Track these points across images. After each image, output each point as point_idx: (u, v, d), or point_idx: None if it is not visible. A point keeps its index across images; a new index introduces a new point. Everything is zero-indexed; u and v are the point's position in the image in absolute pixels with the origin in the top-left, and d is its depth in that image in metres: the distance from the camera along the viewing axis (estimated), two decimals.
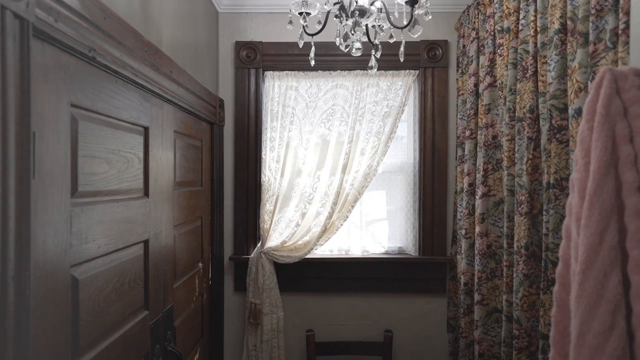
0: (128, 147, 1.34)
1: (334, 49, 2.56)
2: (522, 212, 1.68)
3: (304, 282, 2.61)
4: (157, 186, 1.59)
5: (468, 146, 2.28)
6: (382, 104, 2.57)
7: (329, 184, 2.55)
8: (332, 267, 2.60)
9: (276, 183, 2.53)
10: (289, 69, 2.58)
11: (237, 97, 2.60)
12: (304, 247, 2.53)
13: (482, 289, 2.07)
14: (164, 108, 1.65)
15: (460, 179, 2.43)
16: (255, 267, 2.50)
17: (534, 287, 1.66)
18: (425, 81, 2.59)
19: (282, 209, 2.57)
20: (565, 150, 1.47)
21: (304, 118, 2.57)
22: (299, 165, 2.57)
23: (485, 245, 2.07)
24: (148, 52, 1.41)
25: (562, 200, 1.47)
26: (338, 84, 2.58)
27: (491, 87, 2.06)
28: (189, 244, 2.05)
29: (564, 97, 1.47)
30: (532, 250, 1.66)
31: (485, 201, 2.07)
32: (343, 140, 2.54)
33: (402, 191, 2.70)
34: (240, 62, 2.58)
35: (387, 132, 2.54)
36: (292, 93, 2.57)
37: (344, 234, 2.67)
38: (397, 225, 2.70)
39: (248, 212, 2.60)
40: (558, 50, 1.47)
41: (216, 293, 2.47)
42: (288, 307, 2.60)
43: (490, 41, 2.05)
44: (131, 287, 1.36)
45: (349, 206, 2.53)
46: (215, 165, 2.46)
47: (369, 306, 2.62)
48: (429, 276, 2.60)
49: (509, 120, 1.81)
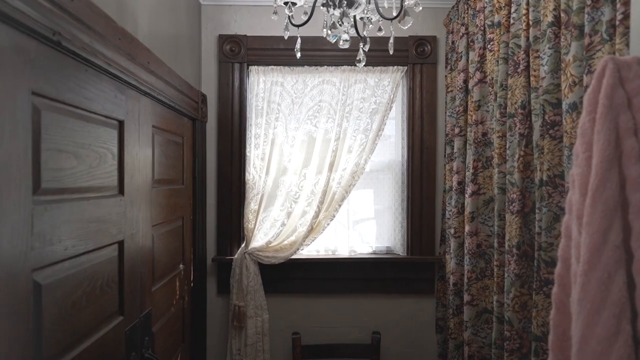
0: (100, 141, 1.25)
1: (320, 44, 2.49)
2: (514, 211, 1.63)
3: (289, 284, 2.53)
4: (134, 184, 1.50)
5: (457, 144, 2.23)
6: (369, 101, 2.51)
7: (316, 183, 2.48)
8: (318, 267, 2.53)
9: (261, 181, 2.46)
10: (275, 64, 2.50)
11: (221, 92, 2.51)
12: (289, 248, 2.46)
13: (471, 289, 2.03)
14: (140, 101, 1.57)
15: (449, 177, 2.39)
16: (239, 268, 2.42)
17: (526, 288, 1.62)
18: (413, 77, 2.54)
19: (267, 208, 2.49)
20: (558, 146, 1.43)
21: (290, 114, 2.50)
22: (285, 163, 2.50)
23: (475, 244, 2.03)
24: (122, 40, 1.32)
25: (556, 198, 1.43)
26: (325, 79, 2.52)
27: (481, 83, 2.01)
28: (169, 245, 1.96)
29: (557, 92, 1.43)
30: (524, 250, 1.62)
31: (475, 199, 2.03)
32: (330, 138, 2.47)
33: (389, 190, 2.65)
34: (223, 56, 2.50)
35: (375, 130, 2.49)
36: (277, 89, 2.49)
37: (331, 234, 2.60)
38: (385, 224, 2.65)
39: (232, 211, 2.51)
40: (551, 43, 1.43)
41: (198, 296, 2.38)
42: (273, 309, 2.53)
43: (480, 36, 2.01)
44: (104, 292, 1.27)
45: (336, 205, 2.47)
46: (197, 162, 2.37)
47: (357, 307, 2.56)
48: (418, 276, 2.55)
49: (499, 117, 1.77)
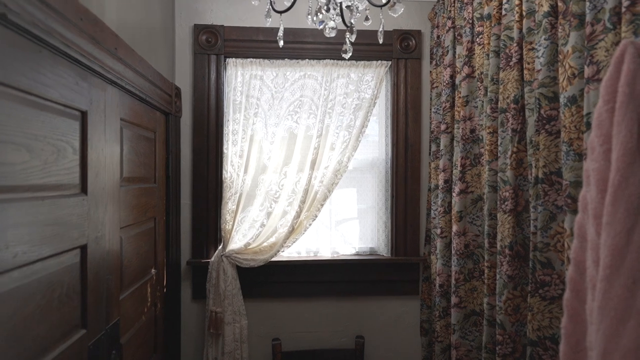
0: (58, 133, 1.11)
1: (302, 36, 2.38)
2: (506, 210, 1.57)
3: (269, 287, 2.42)
4: (99, 182, 1.36)
5: (444, 141, 2.16)
6: (353, 96, 2.42)
7: (297, 181, 2.37)
8: (300, 270, 2.42)
9: (239, 180, 2.33)
10: (254, 57, 2.38)
11: (196, 85, 2.37)
12: (269, 250, 2.34)
13: (459, 291, 1.96)
14: (107, 91, 1.42)
15: (435, 176, 2.33)
16: (216, 272, 2.28)
17: (519, 290, 1.56)
18: (398, 73, 2.46)
19: (245, 208, 2.37)
20: (555, 142, 1.36)
21: (270, 110, 2.38)
22: (264, 160, 2.38)
23: (462, 244, 1.96)
24: (85, 22, 1.18)
25: (552, 196, 1.37)
26: (306, 73, 2.41)
27: (469, 77, 1.95)
28: (139, 248, 1.81)
29: (553, 85, 1.36)
30: (517, 250, 1.56)
31: (463, 198, 1.96)
32: (312, 134, 2.37)
33: (373, 189, 2.56)
34: (199, 47, 2.35)
35: (359, 126, 2.40)
36: (256, 82, 2.37)
37: (313, 235, 2.50)
38: (369, 224, 2.56)
39: (208, 211, 2.38)
40: (547, 34, 1.37)
41: (172, 302, 2.23)
42: (252, 314, 2.40)
43: (468, 29, 1.94)
44: (63, 303, 1.13)
45: (318, 205, 2.36)
46: (171, 160, 2.22)
47: (340, 311, 2.46)
48: (402, 278, 2.47)
49: (490, 112, 1.70)
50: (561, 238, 1.35)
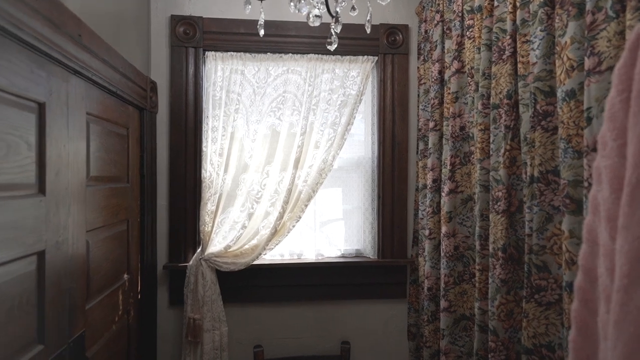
0: (8, 126, 0.99)
1: (285, 29, 2.28)
2: (499, 210, 1.49)
3: (251, 292, 2.31)
4: (60, 181, 1.24)
5: (432, 139, 2.09)
6: (338, 92, 2.32)
7: (280, 181, 2.27)
8: (282, 273, 2.32)
9: (219, 179, 2.21)
10: (234, 50, 2.26)
11: (173, 79, 2.24)
12: (251, 252, 2.23)
13: (449, 295, 1.89)
14: (70, 81, 1.29)
15: (423, 175, 2.25)
16: (195, 276, 2.16)
17: (512, 294, 1.49)
18: (384, 68, 2.38)
19: (225, 209, 2.25)
20: (551, 139, 1.29)
21: (251, 106, 2.27)
22: (246, 159, 2.27)
23: (452, 246, 1.89)
24: (40, 1, 1.05)
25: (548, 196, 1.30)
26: (290, 68, 2.31)
27: (459, 73, 1.88)
28: (110, 253, 1.68)
29: (550, 79, 1.29)
30: (510, 253, 1.49)
31: (452, 198, 1.89)
32: (295, 132, 2.27)
33: (359, 189, 2.48)
34: (176, 39, 2.23)
35: (344, 124, 2.31)
36: (237, 77, 2.26)
37: (297, 237, 2.40)
38: (354, 225, 2.47)
39: (186, 212, 2.25)
40: (543, 25, 1.29)
41: (147, 309, 2.10)
42: (233, 320, 2.29)
43: (458, 23, 1.87)
44: (13, 318, 1.01)
45: (302, 205, 2.26)
46: (146, 158, 2.09)
47: (324, 316, 2.37)
48: (389, 280, 2.39)
49: (481, 108, 1.63)
50: (558, 240, 1.28)
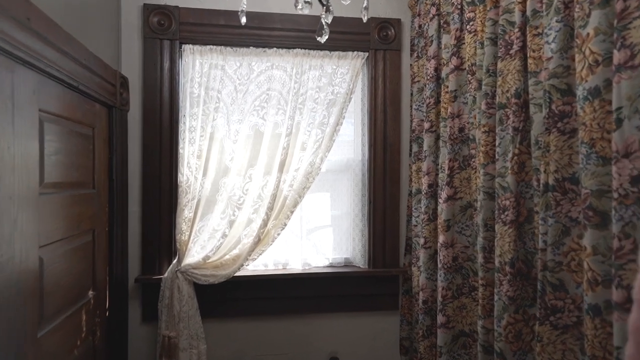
0: None
1: (269, 22, 2.11)
2: (506, 221, 1.36)
3: (232, 305, 2.13)
4: (3, 189, 1.04)
5: (427, 141, 1.95)
6: (326, 91, 2.17)
7: (264, 185, 2.09)
8: (267, 285, 2.15)
9: (197, 184, 2.03)
10: (214, 43, 2.08)
11: (147, 74, 2.05)
12: (232, 263, 2.05)
13: (446, 310, 1.75)
14: (15, 72, 1.10)
15: (417, 179, 2.11)
16: (170, 290, 1.98)
17: (521, 313, 1.35)
18: (375, 65, 2.23)
19: (204, 216, 2.07)
20: (568, 143, 1.16)
21: (233, 104, 2.09)
22: (226, 161, 2.09)
23: (450, 257, 1.75)
24: None
25: (565, 206, 1.16)
26: (274, 64, 2.14)
27: (458, 70, 1.74)
28: (71, 268, 1.49)
29: (567, 76, 1.16)
30: (519, 268, 1.35)
31: (450, 205, 1.75)
32: (280, 133, 2.10)
33: (348, 193, 2.32)
34: (150, 30, 2.04)
35: (333, 124, 2.15)
36: (217, 73, 2.08)
37: (282, 245, 2.23)
38: (343, 232, 2.32)
39: (161, 220, 2.06)
40: (560, 15, 1.16)
41: (116, 327, 1.91)
42: (212, 337, 2.11)
43: (457, 16, 1.73)
44: None
45: (288, 211, 2.10)
46: (115, 161, 1.90)
47: (312, 329, 2.20)
48: (380, 291, 2.24)
49: (486, 108, 1.49)
50: (576, 256, 1.15)
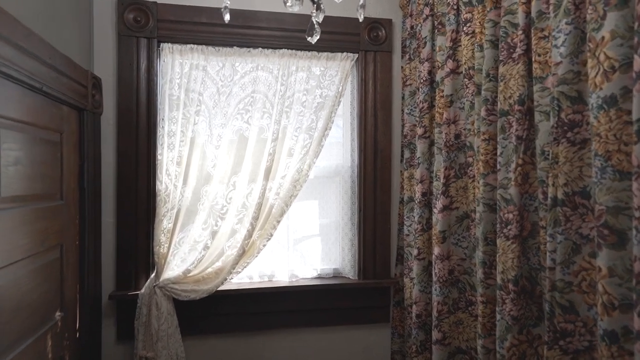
0: None
1: (255, 20, 2.00)
2: (509, 235, 1.27)
3: (214, 322, 2.00)
4: None
5: (421, 147, 1.86)
6: (314, 93, 2.06)
7: (248, 194, 1.97)
8: (252, 299, 2.03)
9: (177, 192, 1.90)
10: (195, 42, 1.95)
11: (121, 75, 1.90)
12: (214, 277, 1.93)
13: (442, 325, 1.66)
14: None
15: (409, 187, 2.02)
16: (147, 307, 1.84)
17: (525, 333, 1.27)
18: (365, 67, 2.13)
19: (185, 227, 1.94)
20: (579, 154, 1.08)
21: (215, 107, 1.97)
22: (208, 168, 1.96)
23: (446, 270, 1.66)
24: None
25: (575, 222, 1.08)
26: (259, 65, 2.02)
27: (454, 74, 1.66)
28: (34, 291, 1.34)
29: (577, 82, 1.08)
30: (522, 285, 1.27)
31: (446, 216, 1.67)
32: (266, 138, 1.98)
33: (337, 201, 2.22)
34: (125, 27, 1.89)
35: (321, 128, 2.04)
36: (198, 74, 1.95)
37: (267, 256, 2.11)
38: (332, 242, 2.22)
39: (137, 231, 1.92)
40: (570, 17, 1.08)
41: (88, 349, 1.76)
42: (194, 356, 1.98)
43: (452, 17, 1.65)
44: None
45: (274, 221, 1.98)
46: (87, 168, 1.75)
47: (299, 345, 2.09)
48: (371, 303, 2.15)
49: (486, 115, 1.40)
50: (587, 276, 1.07)
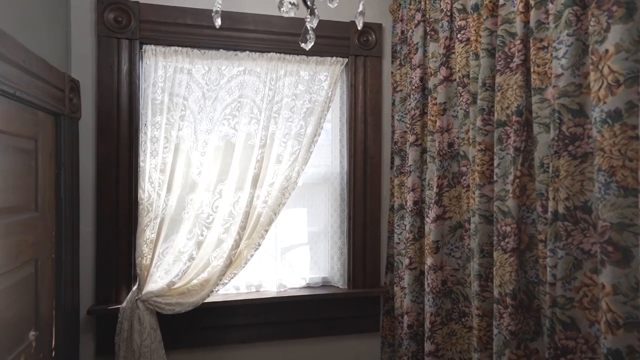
0: None
1: (242, 22, 1.94)
2: (507, 249, 1.25)
3: (200, 335, 1.93)
4: None
5: (412, 155, 1.83)
6: (303, 98, 2.01)
7: (235, 202, 1.91)
8: (239, 311, 1.96)
9: (160, 201, 1.82)
10: (179, 45, 1.88)
11: (101, 78, 1.81)
12: (200, 289, 1.86)
13: (435, 337, 1.63)
14: None
15: (400, 194, 1.99)
16: (129, 321, 1.75)
17: (522, 348, 1.25)
18: (355, 72, 2.09)
19: (169, 237, 1.86)
20: (580, 168, 1.06)
21: (201, 112, 1.90)
22: (194, 176, 1.89)
23: (439, 281, 1.64)
24: None
25: (577, 238, 1.06)
26: (247, 69, 1.96)
27: (447, 81, 1.63)
28: (6, 310, 1.25)
29: (579, 95, 1.06)
30: (520, 299, 1.25)
31: (439, 226, 1.64)
32: (254, 144, 1.92)
33: (326, 208, 2.17)
34: (105, 28, 1.80)
35: (310, 134, 1.99)
36: (183, 77, 1.87)
37: (255, 265, 2.04)
38: (321, 250, 2.17)
39: (118, 242, 1.83)
40: (572, 29, 1.06)
41: None
42: None
43: (446, 23, 1.62)
44: None
45: (262, 230, 1.92)
46: (64, 177, 1.65)
47: (288, 357, 2.04)
48: (361, 313, 2.11)
49: (482, 125, 1.38)
50: (589, 292, 1.05)
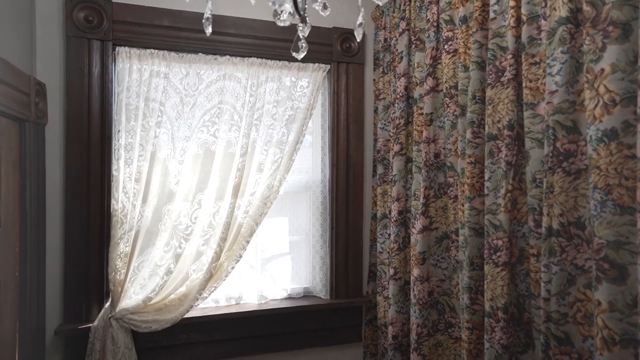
0: None
1: (222, 25, 1.87)
2: (499, 262, 1.25)
3: (178, 352, 1.84)
4: None
5: (397, 164, 1.82)
6: (285, 105, 1.96)
7: (215, 212, 1.84)
8: (218, 325, 1.88)
9: (135, 212, 1.72)
10: (156, 47, 1.78)
11: (70, 81, 1.69)
12: (179, 304, 1.77)
13: (422, 349, 1.63)
14: None
15: (382, 203, 1.97)
16: (101, 341, 1.65)
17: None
18: (338, 79, 2.06)
19: (144, 250, 1.77)
20: (574, 185, 1.07)
21: (178, 119, 1.81)
22: (171, 185, 1.80)
23: (426, 292, 1.63)
24: None
25: (571, 254, 1.08)
26: (227, 74, 1.88)
27: (434, 92, 1.63)
28: None
29: (573, 112, 1.07)
30: (512, 313, 1.25)
31: (426, 237, 1.63)
32: (234, 152, 1.86)
33: (307, 217, 2.13)
34: (74, 27, 1.69)
35: (292, 142, 1.95)
36: (159, 82, 1.78)
37: (235, 276, 1.97)
38: (303, 260, 2.12)
39: (89, 256, 1.72)
40: (566, 46, 1.07)
41: None
42: None
43: (432, 34, 1.62)
44: None
45: (243, 241, 1.86)
46: (29, 188, 1.53)
47: None
48: (343, 323, 2.08)
49: (472, 138, 1.38)
50: (582, 307, 1.06)
